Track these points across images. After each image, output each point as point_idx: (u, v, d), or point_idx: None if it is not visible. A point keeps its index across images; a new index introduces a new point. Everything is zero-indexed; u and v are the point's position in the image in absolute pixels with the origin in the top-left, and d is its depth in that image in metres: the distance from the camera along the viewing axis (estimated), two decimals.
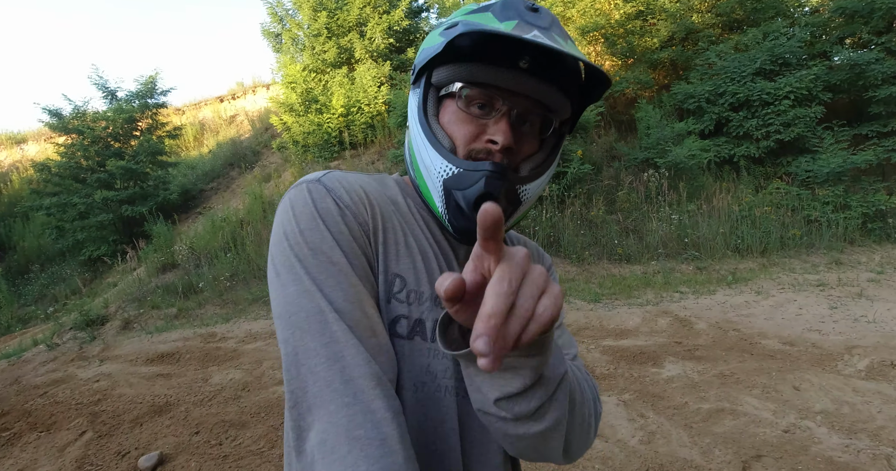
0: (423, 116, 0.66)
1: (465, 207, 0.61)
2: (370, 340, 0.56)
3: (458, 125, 0.64)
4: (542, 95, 0.62)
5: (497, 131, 0.61)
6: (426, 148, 0.65)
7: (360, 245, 0.63)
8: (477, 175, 0.60)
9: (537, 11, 0.62)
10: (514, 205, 0.64)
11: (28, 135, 15.52)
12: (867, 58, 7.02)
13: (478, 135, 0.63)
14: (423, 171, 0.67)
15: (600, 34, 8.82)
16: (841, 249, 6.02)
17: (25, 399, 4.07)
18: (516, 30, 0.57)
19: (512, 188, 0.63)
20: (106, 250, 8.79)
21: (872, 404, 2.80)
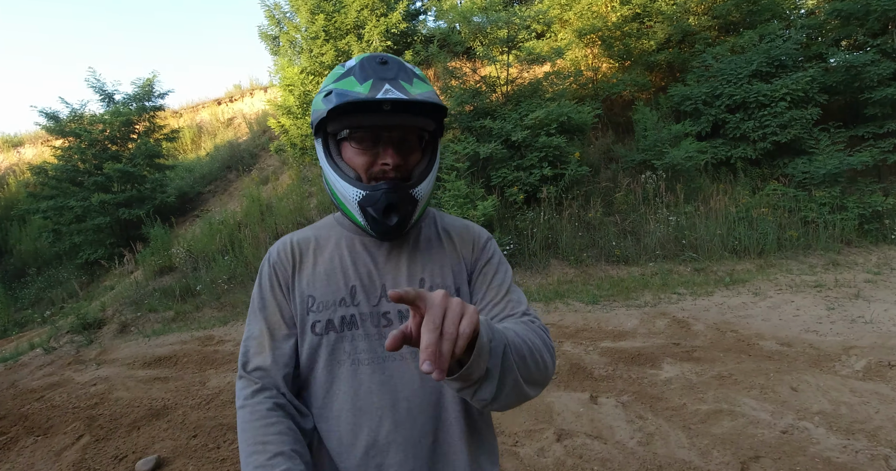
0: (329, 159, 0.89)
1: (378, 216, 0.85)
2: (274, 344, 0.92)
3: (357, 158, 0.86)
4: (406, 122, 0.84)
5: (386, 156, 0.85)
6: (338, 181, 0.87)
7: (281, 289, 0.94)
8: (379, 193, 0.84)
9: (386, 64, 0.84)
10: (412, 204, 0.87)
11: (25, 138, 15.48)
12: (863, 59, 7.06)
13: (373, 162, 0.86)
14: (341, 198, 0.89)
15: (597, 36, 8.85)
16: (838, 250, 6.04)
17: (22, 403, 4.05)
18: (372, 90, 0.80)
19: (406, 194, 0.85)
20: (103, 254, 8.76)
21: (870, 405, 2.80)
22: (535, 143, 6.67)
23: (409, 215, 0.87)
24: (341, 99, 0.79)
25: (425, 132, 0.90)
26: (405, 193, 0.85)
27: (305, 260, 0.95)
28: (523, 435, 2.75)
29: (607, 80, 8.76)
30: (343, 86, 0.83)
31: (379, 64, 0.84)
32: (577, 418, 2.90)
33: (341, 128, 0.85)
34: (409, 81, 0.83)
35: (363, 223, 0.87)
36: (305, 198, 8.36)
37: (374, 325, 0.89)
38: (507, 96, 7.63)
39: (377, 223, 0.85)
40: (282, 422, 0.83)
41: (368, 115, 0.82)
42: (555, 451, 2.57)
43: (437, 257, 0.96)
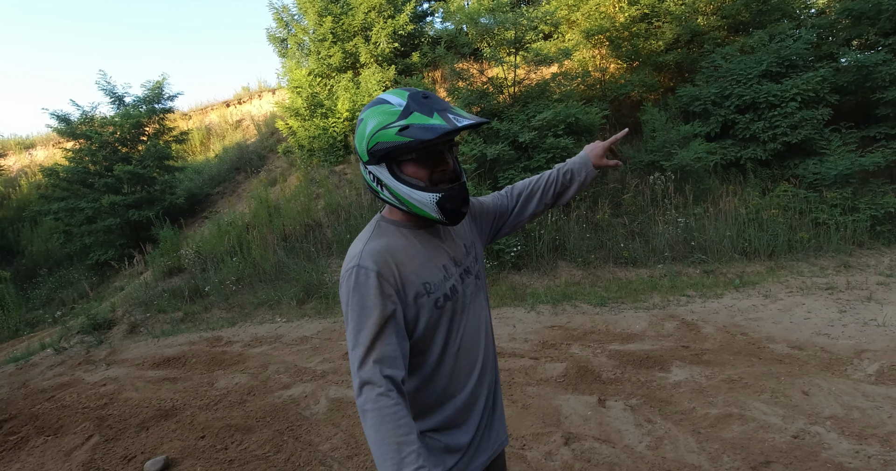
0: (396, 177, 1.07)
1: (456, 208, 1.10)
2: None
3: (421, 171, 1.07)
4: (453, 137, 1.06)
5: (443, 164, 1.08)
6: (413, 192, 1.06)
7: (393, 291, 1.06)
8: (454, 192, 1.08)
9: (429, 98, 1.04)
10: (468, 195, 1.15)
11: (37, 140, 15.68)
12: (874, 59, 6.97)
13: (432, 171, 1.07)
14: (416, 204, 1.08)
15: (605, 37, 8.80)
16: (849, 251, 5.96)
17: (33, 403, 4.09)
18: (447, 121, 0.99)
19: (465, 188, 1.12)
20: (113, 255, 8.85)
21: (883, 409, 2.76)
22: (542, 144, 6.65)
23: (468, 203, 1.14)
24: (435, 132, 0.97)
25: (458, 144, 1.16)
26: (465, 187, 1.11)
27: (400, 259, 1.10)
28: (531, 438, 2.74)
29: (615, 81, 8.71)
30: (418, 121, 1.00)
31: (424, 98, 1.03)
32: (585, 421, 2.88)
33: (410, 152, 1.04)
34: (452, 106, 1.05)
35: (439, 217, 1.08)
36: (313, 199, 8.39)
37: (463, 280, 1.20)
38: (514, 97, 7.61)
39: (456, 214, 1.10)
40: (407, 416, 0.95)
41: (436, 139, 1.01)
42: (562, 455, 2.56)
43: (466, 229, 1.31)
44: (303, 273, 6.57)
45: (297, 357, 4.45)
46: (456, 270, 1.19)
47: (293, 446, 2.94)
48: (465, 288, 1.20)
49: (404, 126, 0.99)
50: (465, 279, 1.21)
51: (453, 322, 1.15)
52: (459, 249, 1.23)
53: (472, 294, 1.22)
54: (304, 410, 3.41)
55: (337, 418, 3.24)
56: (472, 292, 1.22)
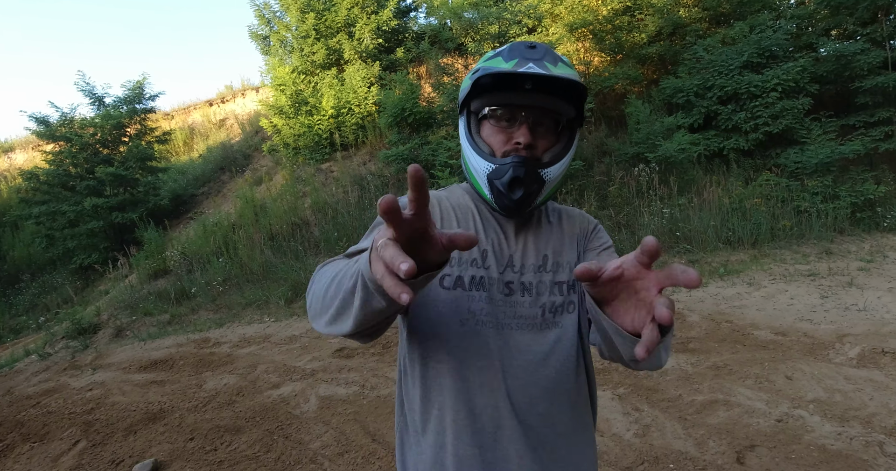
0: (468, 135, 0.94)
1: (503, 189, 0.88)
2: None
3: (493, 136, 0.91)
4: (545, 104, 0.87)
5: (519, 135, 0.87)
6: (473, 156, 0.92)
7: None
8: (506, 167, 0.87)
9: (534, 48, 0.88)
10: (539, 184, 0.89)
11: (15, 143, 15.38)
12: (853, 49, 7.07)
13: (507, 140, 0.89)
14: (473, 172, 0.94)
15: (588, 30, 8.83)
16: (831, 238, 6.06)
17: (18, 410, 4.03)
18: (516, 66, 0.84)
19: (534, 171, 0.87)
20: (97, 258, 8.72)
21: (864, 392, 2.82)
22: None
23: (533, 194, 0.89)
24: (490, 74, 0.84)
25: (562, 117, 0.91)
26: (533, 170, 0.87)
27: (443, 213, 0.97)
28: None
29: (599, 74, 8.75)
30: (490, 64, 0.89)
31: (528, 48, 0.88)
32: None
33: (482, 106, 0.91)
34: (553, 63, 0.86)
35: (489, 197, 0.91)
36: (299, 198, 8.33)
37: (500, 291, 0.91)
38: None
39: (502, 197, 0.89)
40: None
41: (509, 94, 0.87)
42: None
43: (558, 237, 1.00)
44: (290, 272, 6.53)
45: (285, 357, 4.43)
46: (495, 269, 0.91)
47: (283, 445, 2.93)
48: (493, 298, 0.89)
49: (476, 69, 0.90)
50: (514, 294, 0.91)
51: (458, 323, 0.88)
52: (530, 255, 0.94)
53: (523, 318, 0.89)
54: (293, 409, 3.40)
55: (327, 415, 3.24)
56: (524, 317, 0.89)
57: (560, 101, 0.88)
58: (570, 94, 0.87)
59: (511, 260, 0.94)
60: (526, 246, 0.96)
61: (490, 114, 0.90)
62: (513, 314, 0.90)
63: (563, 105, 0.88)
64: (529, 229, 0.98)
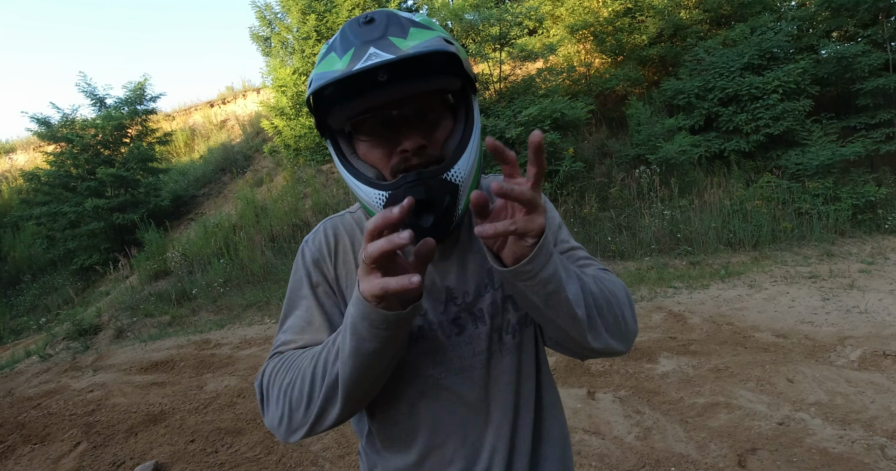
0: (343, 161, 0.73)
1: (409, 220, 0.67)
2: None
3: (373, 153, 0.71)
4: (417, 88, 0.65)
5: (402, 140, 0.68)
6: (358, 187, 0.70)
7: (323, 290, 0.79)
8: (400, 191, 0.66)
9: (372, 22, 0.67)
10: (451, 193, 0.68)
11: (16, 144, 15.39)
12: (854, 50, 7.07)
13: (392, 151, 0.69)
14: (367, 206, 0.73)
15: (589, 32, 8.84)
16: (832, 240, 6.06)
17: (19, 411, 4.03)
18: (353, 60, 0.63)
19: (438, 182, 0.67)
20: (98, 259, 8.73)
21: (865, 395, 2.81)
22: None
23: (450, 208, 0.68)
24: (318, 84, 0.64)
25: (448, 94, 0.73)
26: (436, 180, 0.67)
27: (349, 259, 0.79)
28: None
29: (600, 76, 8.76)
30: (323, 68, 0.67)
31: (362, 25, 0.67)
32: (575, 413, 2.90)
33: (343, 121, 0.70)
34: (401, 34, 0.65)
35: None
36: (300, 199, 8.34)
37: (445, 335, 0.76)
38: (500, 93, 7.62)
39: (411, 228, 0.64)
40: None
41: (366, 97, 0.65)
42: None
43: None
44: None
45: None
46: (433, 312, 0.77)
47: (284, 447, 2.93)
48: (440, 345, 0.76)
49: (311, 79, 0.69)
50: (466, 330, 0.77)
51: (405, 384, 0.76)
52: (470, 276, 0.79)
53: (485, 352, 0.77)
54: None
55: None
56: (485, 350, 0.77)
57: (435, 78, 0.67)
58: (440, 64, 0.68)
59: (450, 292, 0.78)
60: (462, 267, 0.79)
61: (357, 128, 0.71)
62: (471, 353, 0.77)
63: (438, 80, 0.67)
64: (459, 243, 0.80)
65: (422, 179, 0.66)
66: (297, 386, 0.67)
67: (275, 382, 0.71)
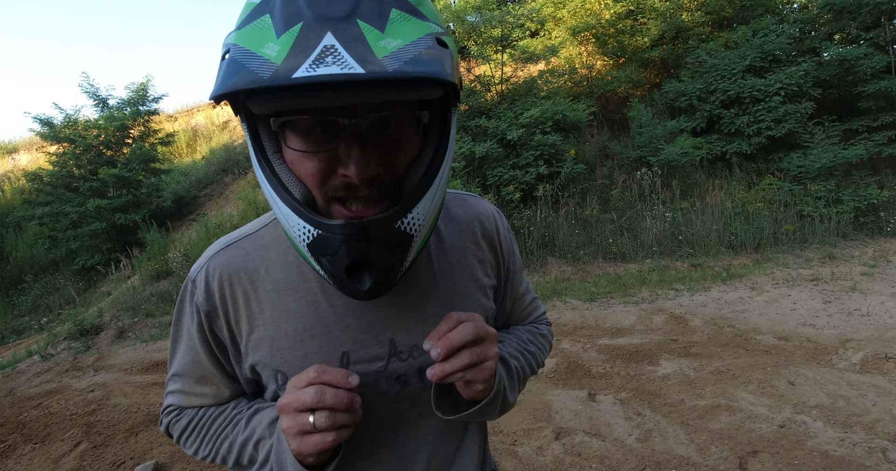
0: (261, 160, 0.52)
1: (340, 276, 0.52)
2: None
3: (302, 165, 0.51)
4: (384, 96, 0.44)
5: (348, 163, 0.49)
6: (276, 203, 0.51)
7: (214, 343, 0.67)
8: (336, 239, 0.49)
9: None
10: (403, 245, 0.52)
11: (19, 144, 15.44)
12: (856, 53, 7.07)
13: (330, 169, 0.50)
14: (286, 230, 0.54)
15: (591, 34, 8.85)
16: (834, 243, 6.05)
17: (20, 411, 4.03)
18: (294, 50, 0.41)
19: (389, 230, 0.50)
20: (99, 259, 8.74)
21: (867, 398, 2.80)
22: (530, 141, 6.67)
23: (394, 268, 0.53)
24: (228, 79, 0.42)
25: (419, 111, 0.52)
26: (386, 231, 0.50)
27: (253, 314, 0.63)
28: (522, 434, 2.75)
29: (602, 78, 8.77)
30: (248, 41, 0.44)
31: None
32: (576, 415, 2.89)
33: (268, 111, 0.48)
34: (378, 20, 0.44)
35: (322, 274, 0.54)
36: None
37: (381, 393, 0.64)
38: (501, 95, 7.63)
39: (344, 286, 0.53)
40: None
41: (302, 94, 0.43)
42: (553, 449, 2.57)
43: (462, 279, 0.68)
44: None
45: None
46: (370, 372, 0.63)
47: None
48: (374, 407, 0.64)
49: (226, 49, 0.46)
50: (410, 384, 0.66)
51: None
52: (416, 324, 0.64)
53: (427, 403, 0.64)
54: None
55: None
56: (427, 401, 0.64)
57: (406, 89, 0.45)
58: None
59: (394, 345, 0.63)
60: (413, 315, 0.64)
61: (283, 128, 0.50)
62: (413, 402, 0.66)
63: (418, 89, 0.46)
64: (413, 285, 0.64)
65: (367, 231, 0.49)
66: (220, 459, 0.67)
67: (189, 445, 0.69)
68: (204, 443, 0.67)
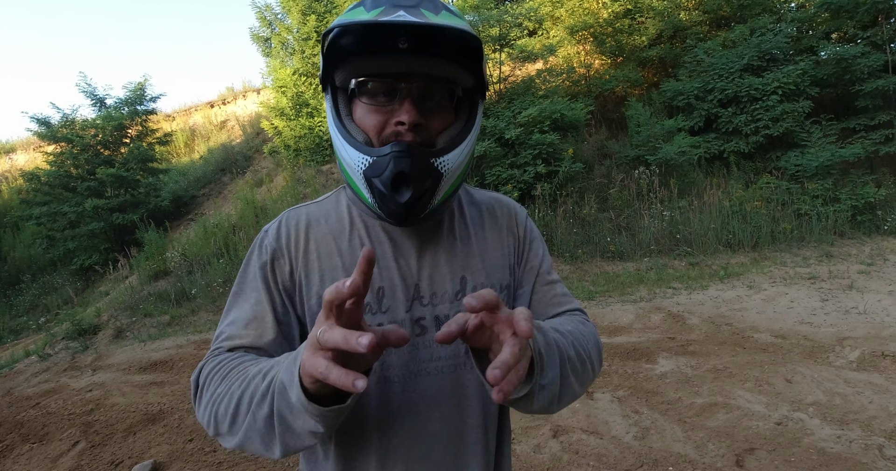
0: (336, 119, 0.71)
1: (385, 190, 0.66)
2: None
3: (368, 118, 0.69)
4: (432, 69, 0.66)
5: (402, 112, 0.66)
6: (344, 147, 0.69)
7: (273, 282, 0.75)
8: (386, 159, 0.65)
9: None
10: (434, 178, 0.67)
11: (17, 144, 15.40)
12: (853, 52, 7.09)
13: (387, 121, 0.68)
14: (347, 169, 0.71)
15: (589, 33, 8.86)
16: (831, 241, 6.06)
17: (18, 411, 4.03)
18: (380, 16, 0.61)
19: (425, 162, 0.66)
20: (97, 259, 8.72)
21: (864, 395, 2.82)
22: (528, 140, 6.68)
23: (428, 193, 0.67)
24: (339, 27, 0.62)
25: (458, 87, 0.71)
26: (423, 160, 0.66)
27: (311, 251, 0.76)
28: (519, 432, 2.76)
29: (600, 77, 8.77)
30: (347, 17, 0.65)
31: None
32: (574, 413, 2.90)
33: (348, 77, 0.69)
34: (434, 11, 0.65)
35: (371, 201, 0.69)
36: (300, 200, 8.34)
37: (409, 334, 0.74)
38: (499, 94, 7.63)
39: (386, 201, 0.67)
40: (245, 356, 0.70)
41: (381, 59, 0.66)
42: (551, 447, 2.58)
43: (479, 249, 0.79)
44: None
45: None
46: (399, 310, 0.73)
47: None
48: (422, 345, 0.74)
49: (332, 27, 0.64)
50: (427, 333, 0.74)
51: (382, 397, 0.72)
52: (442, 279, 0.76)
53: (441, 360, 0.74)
54: None
55: None
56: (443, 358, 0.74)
57: (450, 65, 0.67)
58: (462, 52, 0.66)
59: (418, 290, 0.75)
60: (435, 268, 0.76)
61: (360, 88, 0.69)
62: (428, 357, 0.74)
63: (456, 70, 0.68)
64: (437, 243, 0.77)
65: (409, 151, 0.64)
66: (224, 405, 0.63)
67: (208, 386, 0.68)
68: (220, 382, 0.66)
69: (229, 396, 0.63)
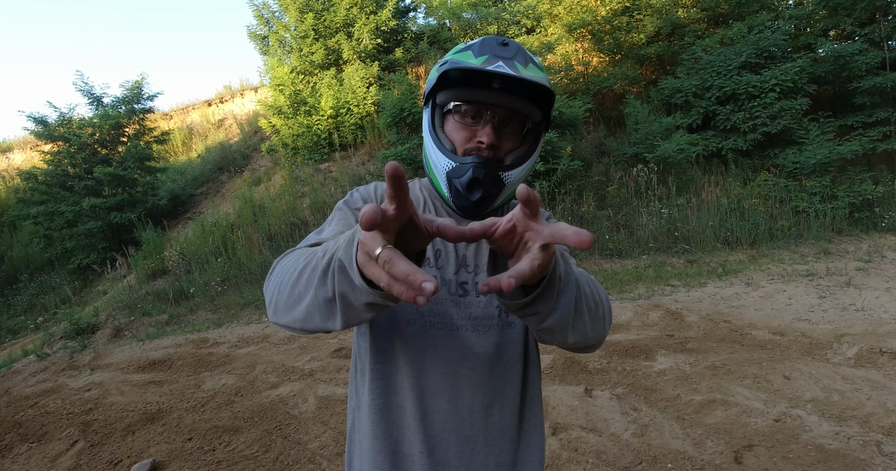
0: (431, 128, 0.91)
1: (462, 190, 0.85)
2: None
3: (456, 132, 0.88)
4: (513, 105, 0.84)
5: (483, 134, 0.85)
6: (434, 151, 0.90)
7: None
8: (467, 166, 0.84)
9: (506, 45, 0.85)
10: (499, 186, 0.87)
11: (13, 143, 15.34)
12: (851, 49, 7.09)
13: (470, 138, 0.87)
14: (433, 168, 0.91)
15: (587, 31, 8.84)
16: (829, 238, 6.08)
17: (16, 411, 4.02)
18: (485, 63, 0.82)
19: (494, 174, 0.85)
20: (95, 258, 8.70)
21: (862, 391, 2.82)
22: None
23: (492, 196, 0.87)
24: (457, 67, 0.81)
25: (529, 121, 0.89)
26: (493, 172, 0.85)
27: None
28: None
29: (598, 75, 8.76)
30: (459, 57, 0.86)
31: (499, 45, 0.85)
32: (572, 411, 2.90)
33: (448, 100, 0.88)
34: (524, 64, 0.84)
35: (447, 195, 0.89)
36: (298, 198, 8.33)
37: (451, 292, 0.89)
38: None
39: (460, 197, 0.87)
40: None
41: (476, 91, 0.84)
42: (550, 444, 2.58)
43: None
44: None
45: (284, 357, 4.43)
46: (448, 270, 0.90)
47: (282, 445, 2.93)
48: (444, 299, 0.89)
49: (444, 61, 0.88)
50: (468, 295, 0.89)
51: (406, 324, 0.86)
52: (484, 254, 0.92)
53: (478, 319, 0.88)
54: (292, 409, 3.40)
55: (325, 415, 3.23)
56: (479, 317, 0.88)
57: (527, 104, 0.86)
58: (538, 97, 0.85)
59: (465, 259, 0.92)
60: (480, 245, 0.94)
61: (455, 109, 0.88)
62: (466, 316, 0.88)
63: (531, 108, 0.86)
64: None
65: (485, 164, 0.84)
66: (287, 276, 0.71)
67: (280, 262, 0.79)
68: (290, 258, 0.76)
69: (293, 268, 0.71)
